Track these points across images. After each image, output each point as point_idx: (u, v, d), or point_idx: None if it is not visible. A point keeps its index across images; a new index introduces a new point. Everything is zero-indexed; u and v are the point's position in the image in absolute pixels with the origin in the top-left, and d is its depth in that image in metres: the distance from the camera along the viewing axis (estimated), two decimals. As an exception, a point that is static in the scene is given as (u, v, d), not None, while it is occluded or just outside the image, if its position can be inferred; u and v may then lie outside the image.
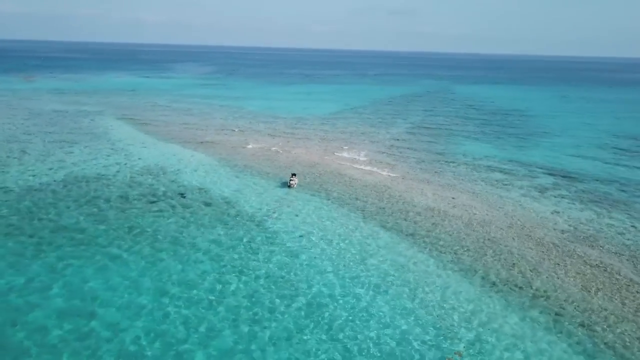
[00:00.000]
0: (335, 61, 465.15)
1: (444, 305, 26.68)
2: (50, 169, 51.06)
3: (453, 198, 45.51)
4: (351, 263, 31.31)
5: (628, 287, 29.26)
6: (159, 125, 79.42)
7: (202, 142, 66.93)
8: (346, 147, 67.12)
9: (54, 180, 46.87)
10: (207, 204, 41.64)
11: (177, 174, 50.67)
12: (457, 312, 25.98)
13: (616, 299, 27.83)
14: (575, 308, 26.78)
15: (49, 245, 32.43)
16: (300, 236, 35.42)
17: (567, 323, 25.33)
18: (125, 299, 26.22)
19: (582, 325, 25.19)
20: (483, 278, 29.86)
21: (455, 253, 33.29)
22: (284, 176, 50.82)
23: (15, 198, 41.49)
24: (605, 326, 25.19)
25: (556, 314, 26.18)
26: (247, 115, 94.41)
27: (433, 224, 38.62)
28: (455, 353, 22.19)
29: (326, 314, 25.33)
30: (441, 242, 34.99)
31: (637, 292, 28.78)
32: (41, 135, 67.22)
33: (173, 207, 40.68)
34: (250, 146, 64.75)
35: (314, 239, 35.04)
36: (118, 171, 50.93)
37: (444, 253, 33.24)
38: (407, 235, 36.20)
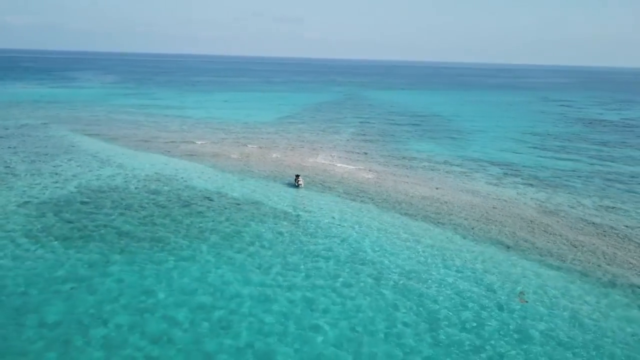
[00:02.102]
0: (232, 68, 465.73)
1: (480, 261, 34.74)
2: (56, 182, 51.69)
3: (437, 188, 54.34)
4: (397, 241, 38.32)
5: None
6: (122, 137, 79.88)
7: (182, 152, 69.56)
8: (315, 151, 73.76)
9: (73, 192, 48.13)
10: (237, 204, 46.14)
11: (185, 180, 53.87)
12: (483, 265, 34.10)
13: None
14: (582, 259, 36.25)
15: (126, 252, 35.49)
16: (339, 225, 41.68)
17: (569, 265, 34.60)
18: (236, 289, 30.71)
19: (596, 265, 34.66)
20: (498, 243, 38.43)
21: (472, 228, 41.63)
22: (283, 178, 56.28)
23: (51, 209, 42.83)
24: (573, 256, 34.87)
25: (539, 254, 35.37)
26: (199, 124, 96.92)
27: (437, 207, 46.86)
28: (519, 293, 30.14)
29: (396, 278, 32.13)
30: (455, 221, 43.22)
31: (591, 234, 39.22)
32: (7, 152, 65.48)
33: (209, 208, 44.69)
34: (234, 155, 68.60)
35: (349, 223, 41.49)
36: (126, 181, 52.99)
37: (462, 228, 41.44)
38: (427, 218, 43.97)
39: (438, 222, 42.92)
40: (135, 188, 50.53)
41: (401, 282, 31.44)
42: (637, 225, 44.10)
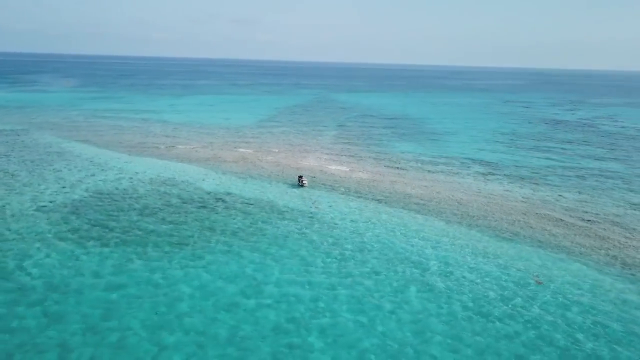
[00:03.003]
0: (192, 70, 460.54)
1: (482, 246, 38.40)
2: (64, 187, 52.22)
3: (426, 187, 58.03)
4: (408, 232, 41.51)
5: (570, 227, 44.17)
6: (110, 142, 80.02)
7: (176, 156, 70.66)
8: (305, 154, 76.33)
9: (85, 196, 48.97)
10: (251, 204, 48.23)
11: (191, 183, 55.41)
12: (495, 253, 37.80)
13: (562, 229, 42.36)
14: (561, 243, 40.46)
15: (164, 251, 37.19)
16: (352, 221, 44.53)
17: (569, 248, 38.75)
18: (275, 277, 33.14)
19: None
20: (496, 234, 42.26)
21: (473, 217, 45.37)
22: (285, 179, 58.61)
23: (71, 212, 43.72)
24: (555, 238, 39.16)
25: (538, 240, 39.44)
26: (181, 128, 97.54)
27: (437, 203, 50.45)
28: (535, 276, 33.83)
29: (406, 258, 35.35)
30: (456, 215, 46.84)
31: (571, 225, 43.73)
32: (2, 159, 64.97)
33: (226, 209, 46.59)
34: (229, 159, 70.21)
35: (363, 218, 44.40)
36: (133, 184, 54.04)
37: (465, 221, 45.09)
38: (429, 212, 47.40)
39: (441, 216, 46.45)
40: (146, 191, 51.75)
41: (438, 270, 34.62)
42: (618, 213, 49.02)
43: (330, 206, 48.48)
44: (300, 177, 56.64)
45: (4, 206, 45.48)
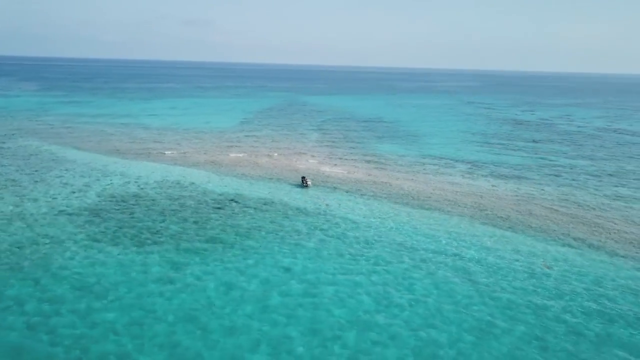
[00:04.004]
0: (150, 73, 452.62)
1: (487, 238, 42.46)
2: (73, 192, 52.92)
3: (421, 185, 62.02)
4: (420, 225, 45.09)
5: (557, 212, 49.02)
6: (98, 147, 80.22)
7: (172, 160, 71.91)
8: (297, 156, 79.01)
9: (99, 201, 50.01)
10: (264, 204, 50.59)
11: (198, 186, 57.09)
12: (502, 243, 41.91)
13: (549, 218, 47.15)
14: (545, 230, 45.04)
15: (194, 252, 39.24)
16: (364, 217, 47.72)
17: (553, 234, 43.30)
18: (314, 275, 35.96)
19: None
20: (498, 224, 46.48)
21: (472, 211, 49.43)
22: (287, 180, 61.14)
23: (93, 216, 44.90)
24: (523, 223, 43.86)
25: (539, 229, 43.96)
26: (165, 132, 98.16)
27: (436, 199, 54.29)
28: (543, 262, 37.96)
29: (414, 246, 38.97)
30: (456, 209, 50.79)
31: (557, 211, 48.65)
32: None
33: (243, 210, 48.74)
34: (226, 162, 71.95)
35: (373, 214, 47.68)
36: (142, 188, 55.23)
37: (466, 214, 49.07)
38: (430, 207, 51.14)
39: (443, 211, 50.31)
40: (157, 194, 53.19)
41: (453, 263, 38.21)
42: (596, 203, 54.33)
43: (340, 204, 51.48)
44: (304, 177, 59.33)
45: (22, 212, 46.04)
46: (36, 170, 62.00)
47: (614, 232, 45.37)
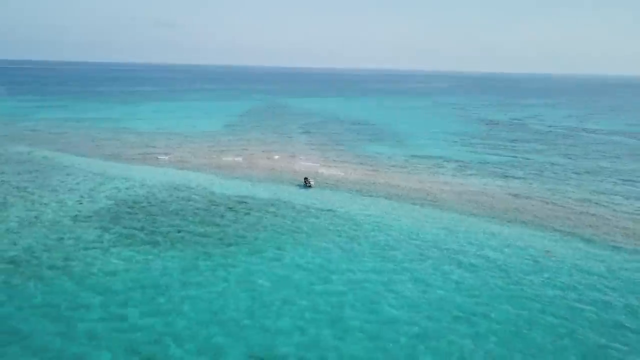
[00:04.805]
0: (123, 77, 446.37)
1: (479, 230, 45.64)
2: (82, 197, 53.77)
3: (417, 184, 65.07)
4: (427, 221, 47.93)
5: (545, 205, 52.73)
6: (94, 152, 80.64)
7: (171, 163, 73.04)
8: (291, 158, 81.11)
9: (112, 205, 51.05)
10: (272, 205, 52.45)
11: (206, 188, 58.55)
12: (486, 236, 45.11)
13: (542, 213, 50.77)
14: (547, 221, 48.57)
15: (224, 247, 41.02)
16: (368, 215, 50.28)
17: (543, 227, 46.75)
18: (347, 272, 38.29)
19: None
20: (496, 218, 49.74)
21: (472, 206, 52.56)
22: (289, 181, 63.15)
23: (110, 220, 46.10)
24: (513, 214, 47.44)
25: (537, 219, 47.37)
26: (155, 136, 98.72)
27: (435, 196, 57.25)
28: (546, 251, 41.22)
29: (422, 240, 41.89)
30: (456, 205, 53.82)
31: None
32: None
33: (255, 209, 50.45)
34: (225, 164, 73.49)
35: (378, 211, 50.30)
36: (151, 192, 56.27)
37: (467, 210, 52.20)
38: (432, 204, 54.09)
39: (445, 207, 53.37)
40: (166, 197, 54.54)
41: (466, 259, 41.14)
42: (582, 198, 58.32)
43: (344, 203, 53.94)
44: (306, 178, 61.50)
45: (37, 217, 46.81)
46: (37, 177, 62.33)
47: (615, 226, 49.17)
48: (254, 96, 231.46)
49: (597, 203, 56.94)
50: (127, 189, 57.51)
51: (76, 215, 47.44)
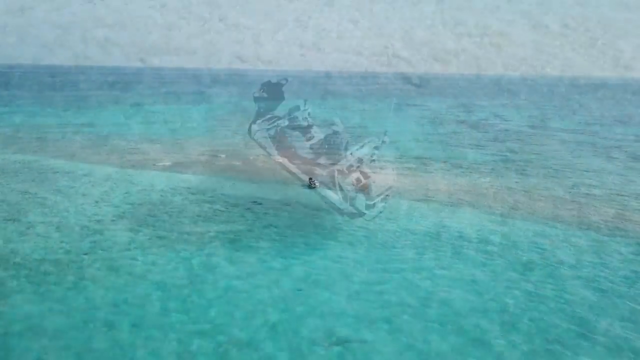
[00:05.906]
0: (80, 80, 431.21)
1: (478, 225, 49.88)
2: (97, 202, 54.17)
3: (413, 183, 68.99)
4: (431, 216, 51.66)
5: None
6: (83, 157, 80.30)
7: (171, 169, 73.87)
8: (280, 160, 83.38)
9: (128, 209, 51.89)
10: (287, 205, 54.70)
11: (214, 190, 59.76)
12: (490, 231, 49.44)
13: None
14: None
15: (266, 244, 43.28)
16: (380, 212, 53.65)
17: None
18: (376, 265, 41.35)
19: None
20: (495, 213, 54.09)
21: (471, 202, 56.76)
22: (290, 181, 65.61)
23: (136, 222, 47.31)
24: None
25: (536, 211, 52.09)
26: (142, 142, 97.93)
27: (434, 193, 61.29)
28: (548, 242, 45.66)
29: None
30: (455, 201, 57.92)
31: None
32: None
33: (270, 209, 52.79)
34: (223, 169, 75.03)
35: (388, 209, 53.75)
36: (162, 195, 57.17)
37: (466, 206, 56.29)
38: (431, 202, 57.99)
39: (446, 204, 57.39)
40: (181, 200, 55.81)
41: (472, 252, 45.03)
42: (570, 190, 63.81)
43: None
44: (311, 178, 63.97)
45: (61, 221, 47.33)
46: (41, 182, 62.00)
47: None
48: (218, 99, 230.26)
49: (583, 196, 62.59)
50: (138, 192, 58.30)
51: (99, 221, 48.02)
